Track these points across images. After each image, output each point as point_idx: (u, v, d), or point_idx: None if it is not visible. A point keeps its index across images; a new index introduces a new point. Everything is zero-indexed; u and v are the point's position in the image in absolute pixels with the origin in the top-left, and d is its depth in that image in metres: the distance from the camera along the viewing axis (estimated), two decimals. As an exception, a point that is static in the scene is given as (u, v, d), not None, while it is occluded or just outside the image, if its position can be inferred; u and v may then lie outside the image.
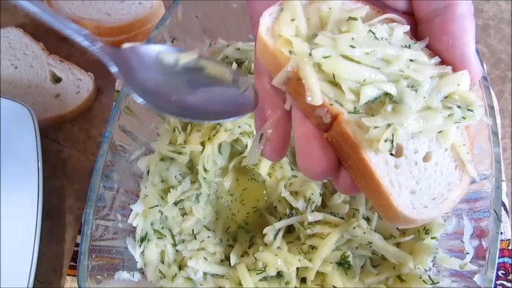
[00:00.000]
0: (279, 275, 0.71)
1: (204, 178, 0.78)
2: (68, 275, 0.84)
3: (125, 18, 1.03)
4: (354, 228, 0.68)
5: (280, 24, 0.44)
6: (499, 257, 0.60)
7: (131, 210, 0.73)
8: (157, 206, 0.73)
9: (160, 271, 0.71)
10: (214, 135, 0.77)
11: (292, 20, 0.44)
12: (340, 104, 0.42)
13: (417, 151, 0.44)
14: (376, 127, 0.41)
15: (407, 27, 0.46)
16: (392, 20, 0.47)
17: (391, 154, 0.43)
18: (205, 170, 0.78)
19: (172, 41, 0.78)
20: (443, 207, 0.46)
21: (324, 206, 0.76)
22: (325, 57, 0.42)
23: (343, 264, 0.70)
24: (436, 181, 0.45)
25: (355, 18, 0.44)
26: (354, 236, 0.68)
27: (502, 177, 0.63)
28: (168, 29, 0.76)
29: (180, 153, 0.77)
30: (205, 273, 0.73)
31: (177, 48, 0.52)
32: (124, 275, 0.68)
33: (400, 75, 0.43)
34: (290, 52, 0.43)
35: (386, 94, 0.42)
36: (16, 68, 1.00)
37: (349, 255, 0.69)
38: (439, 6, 0.46)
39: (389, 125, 0.41)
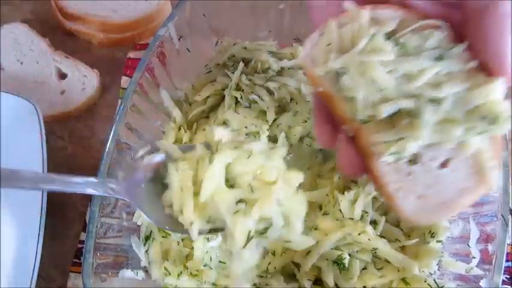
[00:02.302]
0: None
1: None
2: (71, 271, 0.84)
3: (131, 15, 1.02)
4: (359, 234, 0.67)
5: (316, 50, 0.49)
6: (504, 261, 0.60)
7: (136, 208, 0.73)
8: (162, 204, 0.73)
9: (165, 268, 0.71)
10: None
11: (328, 44, 0.48)
12: (361, 120, 0.47)
13: (434, 158, 0.46)
14: (385, 142, 0.46)
15: (441, 35, 0.47)
16: (433, 25, 0.47)
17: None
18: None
19: (179, 39, 0.77)
20: (449, 212, 0.48)
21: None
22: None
23: (338, 263, 0.70)
24: (448, 187, 0.47)
25: (373, 35, 0.46)
26: (357, 242, 0.68)
27: (509, 181, 0.63)
28: (175, 27, 0.76)
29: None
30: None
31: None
32: (128, 273, 0.68)
33: (419, 93, 0.45)
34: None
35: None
36: (22, 64, 1.00)
37: (345, 258, 0.69)
38: (482, 3, 0.45)
39: (401, 138, 0.45)
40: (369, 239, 0.67)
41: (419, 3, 0.50)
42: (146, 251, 0.72)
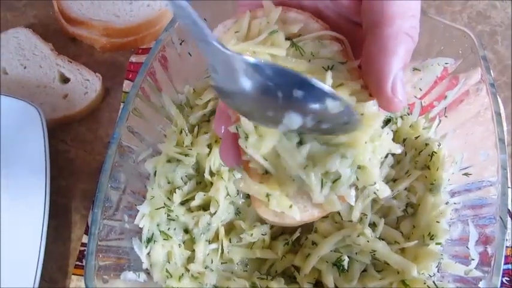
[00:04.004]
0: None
1: (211, 183, 0.78)
2: (73, 274, 0.84)
3: (134, 19, 1.03)
4: (358, 236, 0.68)
5: (226, 36, 0.51)
6: (503, 264, 0.60)
7: (137, 210, 0.74)
8: (163, 207, 0.74)
9: (167, 270, 0.72)
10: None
11: (236, 32, 0.51)
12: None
13: None
14: None
15: (336, 48, 0.49)
16: (334, 37, 0.50)
17: None
18: (211, 172, 0.78)
19: (181, 44, 0.78)
20: (301, 217, 0.49)
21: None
22: None
23: (338, 265, 0.70)
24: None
25: (274, 31, 0.49)
26: (356, 244, 0.68)
27: (508, 184, 0.63)
28: (177, 31, 0.77)
29: (186, 155, 0.77)
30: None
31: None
32: (130, 275, 0.68)
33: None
34: None
35: None
36: (25, 68, 1.01)
37: (344, 260, 0.69)
38: (369, 25, 0.45)
39: None
40: (368, 241, 0.67)
41: (331, 15, 0.52)
42: (148, 253, 0.73)
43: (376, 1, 0.45)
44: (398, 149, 0.48)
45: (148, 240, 0.73)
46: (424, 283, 0.66)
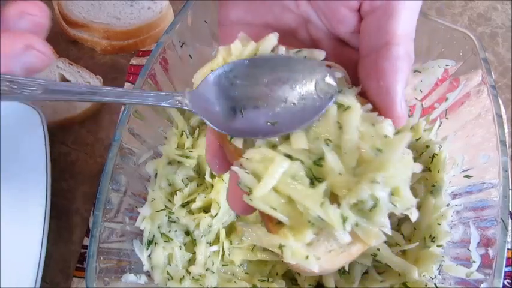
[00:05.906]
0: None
1: (212, 186, 0.78)
2: (74, 276, 0.84)
3: (134, 22, 1.04)
4: None
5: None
6: (505, 266, 0.60)
7: (138, 213, 0.74)
8: (164, 209, 0.74)
9: (168, 273, 0.72)
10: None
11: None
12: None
13: None
14: None
15: (339, 75, 0.49)
16: (333, 66, 0.50)
17: None
18: (212, 174, 0.78)
19: (181, 46, 0.78)
20: (338, 260, 0.45)
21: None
22: None
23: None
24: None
25: None
26: None
27: (509, 186, 0.63)
28: (178, 34, 0.77)
29: (187, 157, 0.78)
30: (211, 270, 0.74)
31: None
32: (131, 277, 0.68)
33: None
34: None
35: None
36: (26, 70, 1.01)
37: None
38: (377, 43, 0.47)
39: None
40: None
41: (323, 39, 0.54)
42: (149, 256, 0.73)
43: (384, 20, 0.46)
44: (419, 168, 0.46)
45: (149, 243, 0.73)
46: (426, 285, 0.66)
